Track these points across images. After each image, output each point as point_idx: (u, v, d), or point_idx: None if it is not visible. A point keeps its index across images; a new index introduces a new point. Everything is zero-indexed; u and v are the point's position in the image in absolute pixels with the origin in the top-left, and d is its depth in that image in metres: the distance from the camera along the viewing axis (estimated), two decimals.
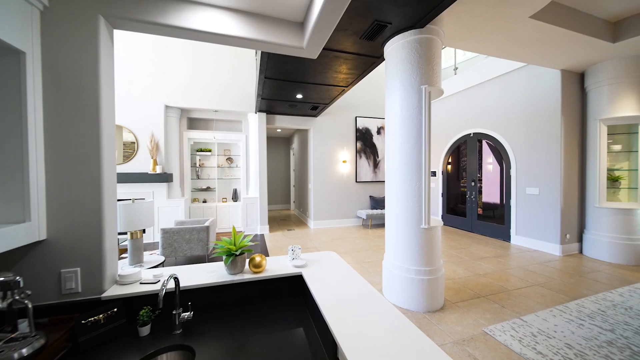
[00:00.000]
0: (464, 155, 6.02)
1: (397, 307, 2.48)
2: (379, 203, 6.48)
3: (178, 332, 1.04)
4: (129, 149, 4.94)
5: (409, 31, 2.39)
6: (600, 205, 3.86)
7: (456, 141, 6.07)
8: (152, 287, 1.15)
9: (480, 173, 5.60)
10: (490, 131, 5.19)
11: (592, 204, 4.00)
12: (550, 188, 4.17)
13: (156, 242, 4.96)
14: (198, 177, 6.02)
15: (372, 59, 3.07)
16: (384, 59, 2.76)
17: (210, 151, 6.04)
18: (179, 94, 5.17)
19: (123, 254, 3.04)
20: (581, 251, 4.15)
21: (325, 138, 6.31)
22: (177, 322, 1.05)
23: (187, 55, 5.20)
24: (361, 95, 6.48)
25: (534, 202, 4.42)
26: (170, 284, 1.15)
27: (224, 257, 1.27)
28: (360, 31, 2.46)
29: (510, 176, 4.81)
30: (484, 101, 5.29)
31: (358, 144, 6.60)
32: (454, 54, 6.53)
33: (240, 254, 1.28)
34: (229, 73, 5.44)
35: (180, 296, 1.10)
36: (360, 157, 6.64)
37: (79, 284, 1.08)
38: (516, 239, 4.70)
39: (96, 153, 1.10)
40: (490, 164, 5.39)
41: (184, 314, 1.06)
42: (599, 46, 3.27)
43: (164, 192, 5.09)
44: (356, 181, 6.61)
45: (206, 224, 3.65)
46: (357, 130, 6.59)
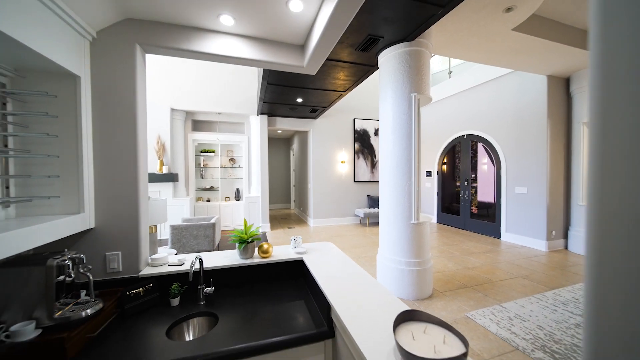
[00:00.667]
0: (458, 156, 6.26)
1: None
2: (376, 202, 6.71)
3: (202, 303, 1.28)
4: None
5: (400, 44, 2.62)
6: (584, 204, 4.09)
7: (451, 142, 6.31)
8: (178, 268, 1.38)
9: (474, 173, 5.83)
10: (482, 133, 5.42)
11: (577, 203, 4.24)
12: (538, 187, 4.41)
13: (164, 238, 5.20)
14: (202, 177, 6.26)
15: (367, 67, 3.30)
16: (378, 68, 3.00)
17: (213, 152, 6.27)
18: (184, 97, 5.40)
19: None
20: (566, 247, 4.39)
21: (324, 139, 6.54)
22: (201, 296, 1.28)
23: (192, 61, 5.43)
24: (359, 98, 6.71)
25: (523, 201, 4.66)
26: (197, 264, 1.38)
27: (237, 244, 1.50)
28: (356, 44, 2.69)
29: (501, 176, 5.05)
30: (476, 104, 5.53)
31: (356, 145, 6.84)
32: (449, 58, 6.76)
33: (250, 242, 1.51)
34: (232, 77, 5.67)
35: (203, 275, 1.33)
36: (358, 157, 6.88)
37: (120, 264, 1.31)
38: (506, 235, 4.94)
39: (134, 157, 1.33)
40: (484, 164, 5.63)
41: (207, 289, 1.30)
42: (579, 54, 3.50)
43: (170, 191, 5.33)
44: (354, 181, 6.84)
45: (212, 221, 3.88)
46: (355, 132, 6.82)
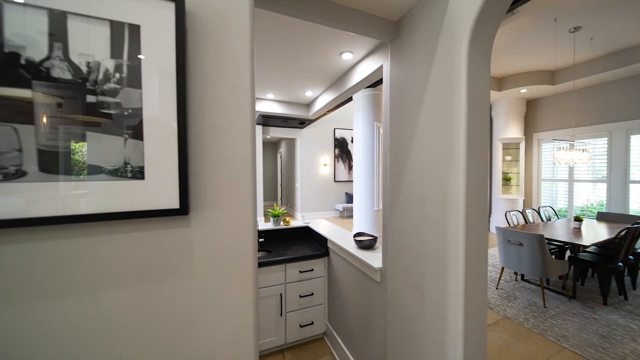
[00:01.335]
0: None
1: None
2: (352, 198, 8.02)
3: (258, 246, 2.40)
4: None
5: (368, 88, 3.87)
6: (499, 197, 5.69)
7: None
8: None
9: None
10: None
11: (495, 196, 5.83)
12: None
13: None
14: None
15: (347, 100, 4.54)
16: (353, 100, 4.23)
17: None
18: None
19: None
20: (489, 229, 5.98)
21: (309, 145, 7.71)
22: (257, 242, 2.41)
23: None
24: (338, 112, 7.96)
25: None
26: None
27: (271, 217, 2.63)
28: None
29: None
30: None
31: (336, 150, 8.09)
32: None
33: (278, 216, 2.64)
34: None
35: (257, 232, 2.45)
36: (338, 161, 8.13)
37: None
38: None
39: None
40: None
41: (260, 239, 2.42)
42: (493, 93, 5.02)
43: None
44: (335, 181, 8.09)
45: None
46: (336, 140, 8.07)
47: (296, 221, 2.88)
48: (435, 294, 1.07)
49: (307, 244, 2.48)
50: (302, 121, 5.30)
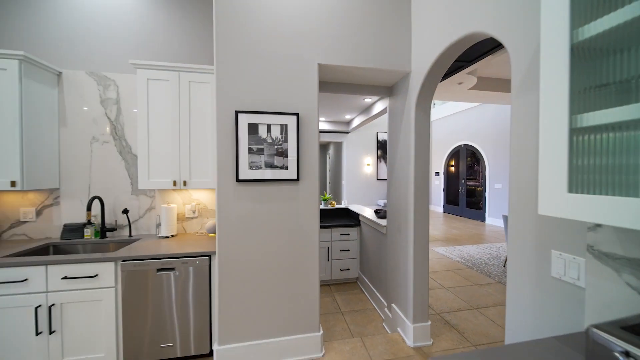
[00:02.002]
0: (458, 160, 8.11)
1: None
2: None
3: None
4: None
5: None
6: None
7: (453, 149, 8.18)
8: None
9: (469, 173, 7.66)
10: (473, 143, 7.26)
11: None
12: (507, 184, 6.22)
13: None
14: None
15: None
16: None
17: None
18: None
19: None
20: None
21: (354, 148, 8.79)
22: None
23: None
24: (381, 117, 8.84)
25: (499, 194, 6.47)
26: None
27: (322, 201, 3.86)
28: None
29: (486, 176, 6.87)
30: (468, 121, 7.38)
31: (378, 151, 8.98)
32: None
33: (327, 200, 3.86)
34: None
35: None
36: (380, 161, 9.01)
37: None
38: (489, 219, 6.76)
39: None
40: (472, 166, 7.46)
41: None
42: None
43: None
44: (377, 179, 9.00)
45: None
46: (378, 142, 8.97)
47: (339, 205, 4.07)
48: (405, 228, 2.13)
49: (346, 218, 3.64)
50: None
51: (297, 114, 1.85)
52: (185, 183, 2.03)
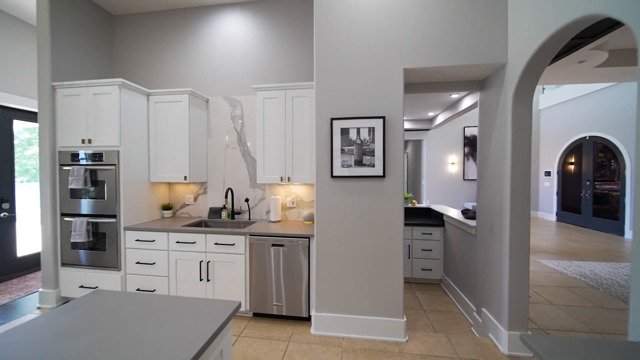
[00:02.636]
0: (579, 156, 6.45)
1: None
2: None
3: None
4: None
5: None
6: None
7: (572, 143, 6.58)
8: None
9: (598, 173, 6.00)
10: (604, 134, 5.66)
11: None
12: None
13: None
14: None
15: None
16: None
17: None
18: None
19: None
20: None
21: (435, 145, 8.20)
22: None
23: None
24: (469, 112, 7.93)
25: None
26: None
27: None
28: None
29: (625, 176, 5.26)
30: (597, 107, 5.80)
31: (466, 149, 8.08)
32: None
33: (407, 198, 3.87)
34: None
35: None
36: (468, 159, 8.08)
37: None
38: (629, 233, 5.15)
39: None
40: (605, 164, 5.79)
41: None
42: None
43: None
44: (464, 179, 8.12)
45: None
46: (466, 138, 8.08)
47: (419, 205, 4.01)
48: (499, 230, 2.01)
49: (428, 218, 3.58)
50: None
51: (383, 117, 2.05)
52: (289, 179, 2.53)
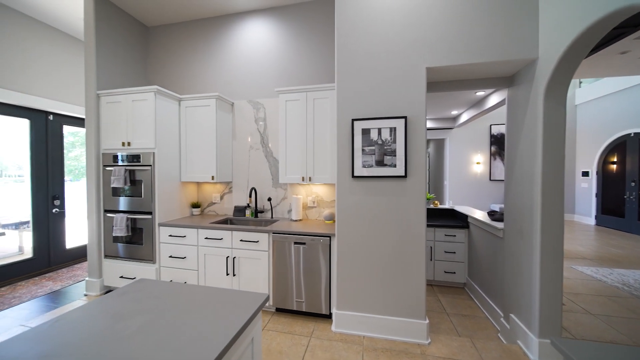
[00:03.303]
0: (622, 155, 5.91)
1: None
2: None
3: None
4: None
5: None
6: None
7: (614, 140, 6.05)
8: None
9: None
10: None
11: None
12: None
13: None
14: None
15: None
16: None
17: None
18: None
19: None
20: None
21: (459, 144, 7.90)
22: None
23: None
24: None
25: None
26: None
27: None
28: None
29: None
30: None
31: (492, 147, 7.71)
32: None
33: (429, 199, 3.78)
34: None
35: None
36: (495, 159, 7.70)
37: None
38: None
39: None
40: None
41: None
42: None
43: None
44: (490, 180, 7.74)
45: None
46: (492, 136, 7.71)
47: (442, 205, 3.90)
48: (528, 233, 1.93)
49: (451, 219, 3.48)
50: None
51: (405, 117, 2.04)
52: (310, 179, 2.58)
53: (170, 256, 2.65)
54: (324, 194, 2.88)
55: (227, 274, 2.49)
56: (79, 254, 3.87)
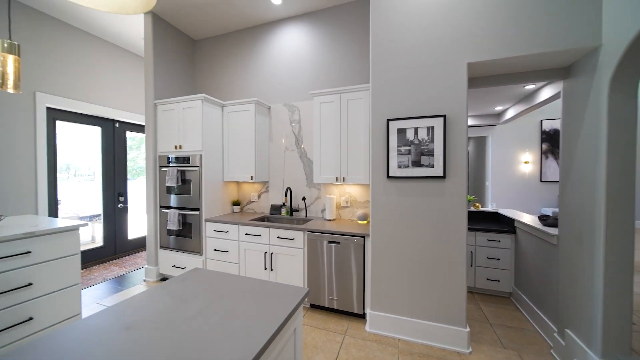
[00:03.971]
0: None
1: None
2: None
3: None
4: None
5: None
6: None
7: None
8: None
9: None
10: None
11: None
12: None
13: None
14: None
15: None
16: None
17: None
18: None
19: None
20: None
21: (504, 142, 7.28)
22: None
23: None
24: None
25: None
26: None
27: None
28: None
29: None
30: None
31: (544, 145, 6.96)
32: None
33: (470, 201, 3.57)
34: None
35: None
36: (547, 157, 6.95)
37: None
38: None
39: None
40: None
41: None
42: None
43: None
44: (540, 181, 7.01)
45: None
46: (543, 133, 6.96)
47: (484, 208, 3.65)
48: (589, 240, 1.73)
49: (494, 223, 3.25)
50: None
51: (444, 116, 1.97)
52: (344, 179, 2.62)
53: (215, 249, 2.88)
54: (357, 194, 2.89)
55: (265, 269, 2.63)
56: (138, 244, 4.39)
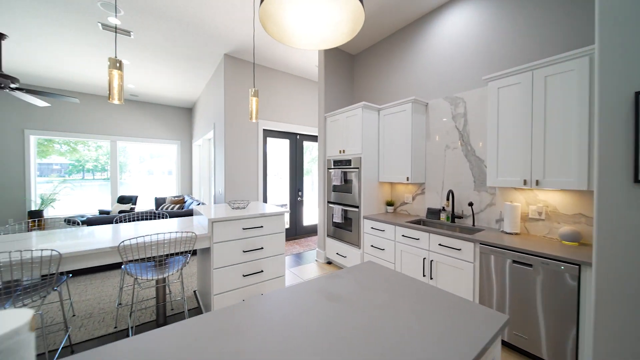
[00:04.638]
0: None
1: None
2: None
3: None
4: None
5: None
6: None
7: None
8: None
9: None
10: None
11: None
12: None
13: None
14: None
15: None
16: None
17: None
18: None
19: None
20: None
21: None
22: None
23: None
24: None
25: None
26: None
27: None
28: None
29: None
30: None
31: None
32: None
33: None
34: None
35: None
36: None
37: None
38: None
39: None
40: None
41: None
42: None
43: None
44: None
45: None
46: None
47: None
48: None
49: None
50: None
51: None
52: (537, 182, 1.99)
53: (372, 245, 3.08)
54: (558, 203, 2.11)
55: (424, 275, 2.50)
56: (309, 231, 5.53)
